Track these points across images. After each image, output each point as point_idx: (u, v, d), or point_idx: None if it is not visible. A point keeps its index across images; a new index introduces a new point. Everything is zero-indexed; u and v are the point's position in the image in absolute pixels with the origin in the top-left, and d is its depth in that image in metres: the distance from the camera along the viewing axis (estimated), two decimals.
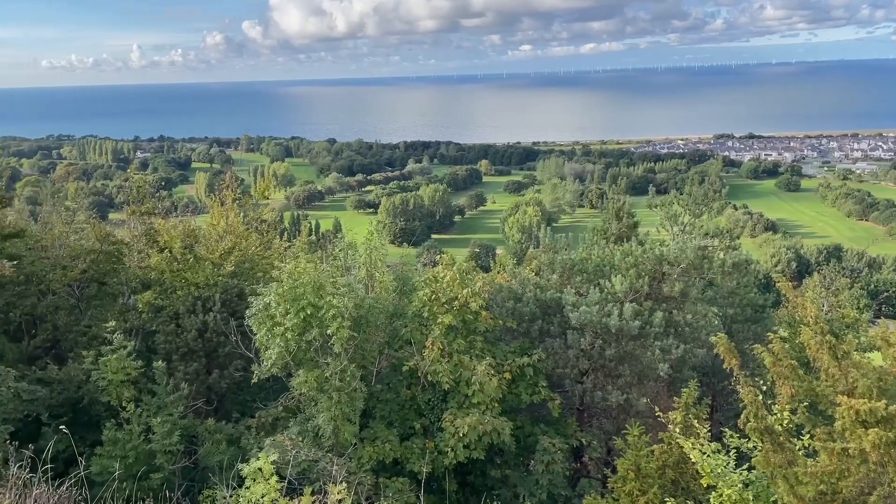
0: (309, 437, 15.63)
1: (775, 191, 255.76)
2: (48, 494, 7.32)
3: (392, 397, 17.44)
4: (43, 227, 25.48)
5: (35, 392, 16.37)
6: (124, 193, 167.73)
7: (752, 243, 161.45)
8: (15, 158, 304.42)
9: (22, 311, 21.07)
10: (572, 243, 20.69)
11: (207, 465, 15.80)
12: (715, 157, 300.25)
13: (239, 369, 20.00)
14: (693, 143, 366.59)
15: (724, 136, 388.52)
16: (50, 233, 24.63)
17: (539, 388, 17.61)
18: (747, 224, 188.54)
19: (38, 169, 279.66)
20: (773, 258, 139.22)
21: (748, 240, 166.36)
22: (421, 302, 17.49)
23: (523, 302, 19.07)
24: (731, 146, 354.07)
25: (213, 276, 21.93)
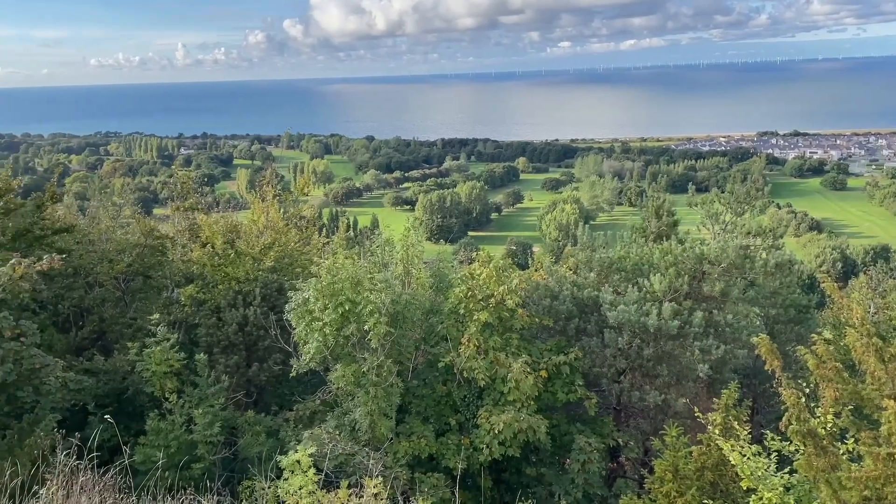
0: (346, 431, 15.81)
1: (821, 189, 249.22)
2: (94, 481, 7.56)
3: (428, 393, 17.53)
4: (91, 222, 26.22)
5: (82, 382, 16.86)
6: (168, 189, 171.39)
7: (796, 243, 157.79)
8: (64, 155, 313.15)
9: (70, 302, 21.73)
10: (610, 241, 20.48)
11: (247, 456, 16.09)
12: (758, 154, 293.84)
13: (278, 363, 20.32)
14: (735, 141, 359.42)
15: (768, 134, 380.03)
16: (97, 227, 25.34)
17: (575, 386, 17.51)
18: (791, 223, 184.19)
19: (86, 165, 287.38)
20: (817, 258, 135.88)
21: (792, 239, 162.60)
22: (457, 299, 17.53)
23: (560, 300, 18.98)
24: (775, 144, 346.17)
25: (253, 270, 22.29)
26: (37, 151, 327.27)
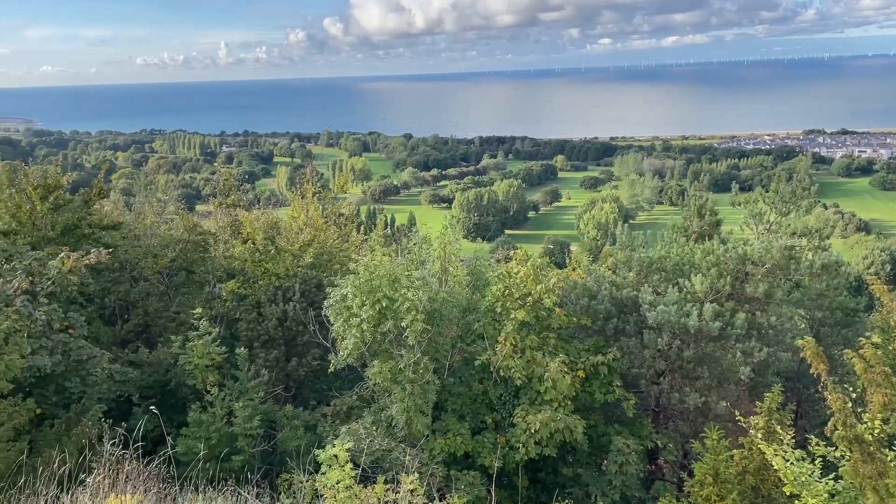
0: (382, 427, 15.91)
1: (869, 189, 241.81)
2: (138, 471, 7.75)
3: (464, 391, 17.53)
4: (136, 218, 26.88)
5: (127, 374, 17.29)
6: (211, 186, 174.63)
7: (844, 244, 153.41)
8: (111, 152, 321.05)
9: (116, 296, 22.31)
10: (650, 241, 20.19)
11: (285, 449, 16.30)
12: (804, 153, 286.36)
13: (316, 358, 20.57)
14: (780, 139, 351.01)
15: (815, 132, 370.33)
16: (142, 223, 25.97)
17: (613, 387, 17.33)
18: (838, 224, 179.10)
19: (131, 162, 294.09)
20: (865, 260, 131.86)
21: (839, 240, 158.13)
22: (494, 297, 17.49)
23: (598, 299, 18.80)
24: (822, 142, 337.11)
25: (292, 267, 22.60)
26: (84, 148, 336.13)
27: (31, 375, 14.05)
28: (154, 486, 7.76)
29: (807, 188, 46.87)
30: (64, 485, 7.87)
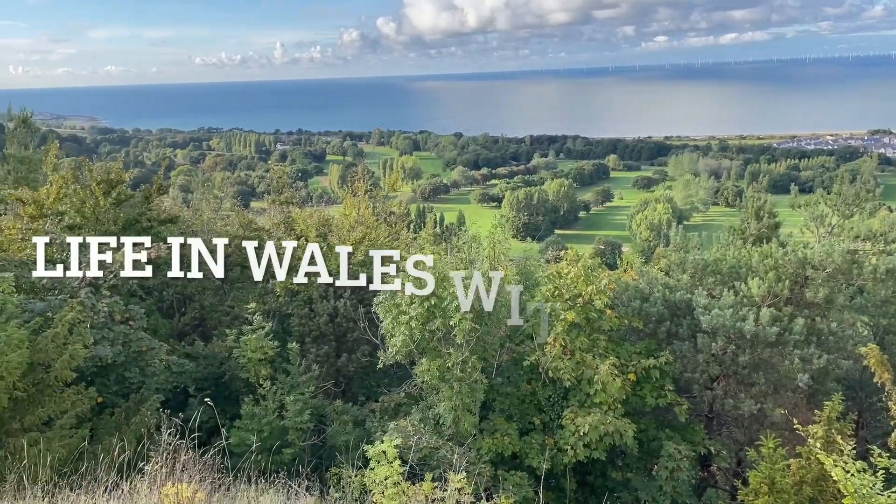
0: (430, 425, 15.97)
1: None
2: (194, 460, 7.97)
3: (512, 391, 17.46)
4: (193, 214, 27.63)
5: (183, 365, 17.79)
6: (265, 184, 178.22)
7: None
8: (170, 149, 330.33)
9: (174, 290, 22.95)
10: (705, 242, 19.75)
11: (334, 444, 16.52)
12: (869, 154, 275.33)
13: (366, 354, 20.78)
14: (843, 140, 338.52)
15: (881, 132, 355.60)
16: (199, 219, 26.67)
17: (665, 391, 17.02)
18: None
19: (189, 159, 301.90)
20: None
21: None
22: (544, 297, 17.36)
23: (650, 302, 18.46)
24: (889, 143, 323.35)
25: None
26: (145, 146, 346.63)
27: (93, 365, 14.59)
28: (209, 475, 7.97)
29: (871, 190, 45.19)
30: (123, 472, 8.15)
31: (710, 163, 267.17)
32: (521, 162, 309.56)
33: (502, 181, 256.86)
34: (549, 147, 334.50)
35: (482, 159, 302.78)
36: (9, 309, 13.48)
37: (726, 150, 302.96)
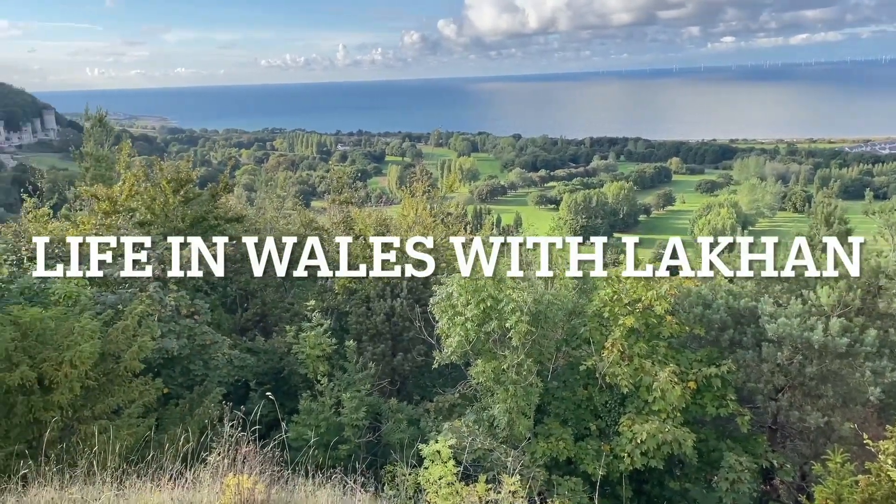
0: (484, 427, 15.95)
1: None
2: (255, 453, 8.17)
3: (568, 395, 17.29)
4: (257, 212, 28.32)
5: (245, 360, 18.25)
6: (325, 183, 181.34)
7: None
8: (236, 149, 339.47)
9: (237, 286, 23.57)
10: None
11: (389, 442, 16.67)
12: None
13: (421, 354, 20.92)
14: None
15: None
16: (263, 217, 27.32)
17: (727, 401, 16.57)
18: None
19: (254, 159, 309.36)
20: None
21: None
22: (602, 301, 17.14)
23: (713, 308, 18.00)
24: None
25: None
26: (212, 146, 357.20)
27: (159, 357, 15.11)
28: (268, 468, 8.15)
29: None
30: (187, 461, 8.41)
31: (777, 167, 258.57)
32: (580, 164, 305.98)
33: (560, 183, 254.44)
34: (609, 149, 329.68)
35: (540, 161, 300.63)
36: (82, 301, 14.10)
37: (795, 154, 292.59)
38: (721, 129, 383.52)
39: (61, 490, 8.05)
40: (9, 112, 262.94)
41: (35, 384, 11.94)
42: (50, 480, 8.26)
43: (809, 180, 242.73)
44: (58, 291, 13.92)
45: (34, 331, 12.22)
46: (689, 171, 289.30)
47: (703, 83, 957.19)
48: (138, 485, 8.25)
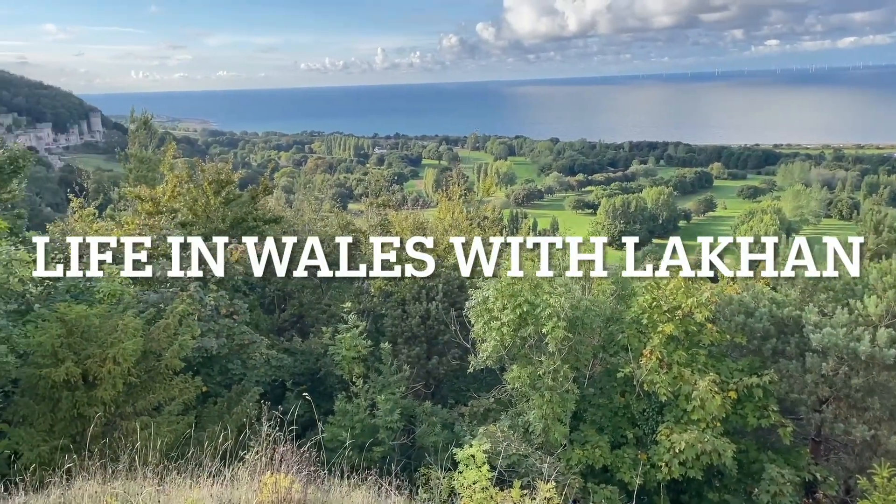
0: (519, 432, 15.85)
1: None
2: (292, 452, 8.23)
3: (605, 403, 17.08)
4: (295, 214, 28.63)
5: (282, 360, 18.45)
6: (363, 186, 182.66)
7: None
8: (275, 151, 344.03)
9: (275, 287, 23.85)
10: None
11: (423, 445, 16.67)
12: None
13: (456, 358, 20.89)
14: None
15: None
16: (301, 219, 27.62)
17: (769, 411, 16.20)
18: None
19: (292, 161, 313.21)
20: None
21: None
22: (640, 308, 16.90)
23: (756, 317, 17.60)
24: None
25: (437, 267, 23.07)
26: (252, 148, 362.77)
27: (199, 355, 15.36)
28: (305, 468, 8.20)
29: None
30: (225, 459, 8.51)
31: (823, 173, 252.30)
32: (619, 168, 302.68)
33: (598, 188, 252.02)
34: (648, 153, 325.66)
35: (578, 165, 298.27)
36: (126, 299, 14.42)
37: (841, 160, 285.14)
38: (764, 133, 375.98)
39: (104, 484, 8.21)
40: (56, 114, 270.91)
41: (80, 380, 12.23)
42: (93, 475, 8.42)
43: (856, 187, 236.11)
44: (102, 290, 14.24)
45: (79, 328, 12.52)
46: (731, 176, 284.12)
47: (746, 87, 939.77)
48: (178, 481, 8.37)
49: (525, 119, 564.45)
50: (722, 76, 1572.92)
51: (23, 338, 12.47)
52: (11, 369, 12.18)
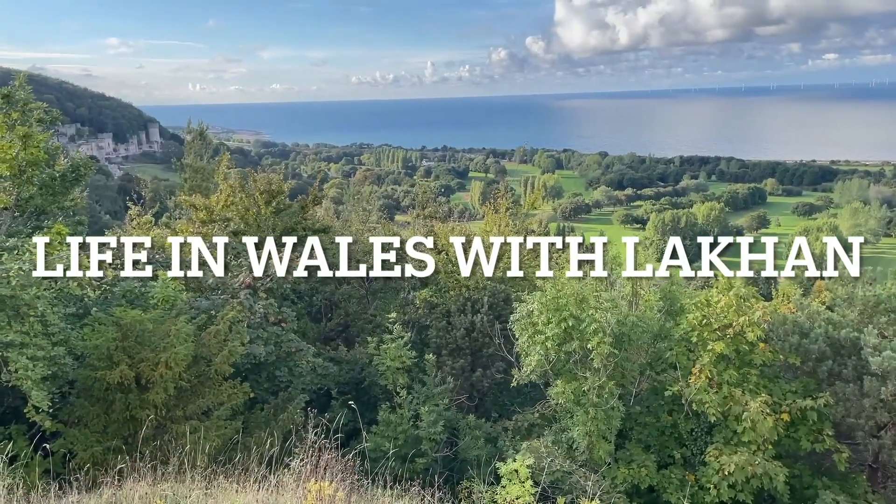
0: (563, 448, 15.67)
1: None
2: (336, 460, 8.31)
3: (651, 421, 16.76)
4: (343, 224, 29.01)
5: (327, 368, 18.64)
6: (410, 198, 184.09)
7: None
8: (325, 163, 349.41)
9: (322, 296, 24.17)
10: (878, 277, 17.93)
11: (465, 457, 16.62)
12: None
13: (500, 371, 20.79)
14: None
15: None
16: (349, 229, 27.96)
17: (823, 436, 15.65)
18: None
19: (341, 173, 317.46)
20: None
21: None
22: (690, 325, 16.56)
23: (811, 338, 17.05)
24: None
25: (482, 279, 23.06)
26: (303, 159, 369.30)
27: (247, 362, 15.64)
28: (349, 476, 8.27)
29: None
30: (271, 465, 8.65)
31: (882, 190, 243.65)
32: (669, 183, 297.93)
33: (648, 202, 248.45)
34: (699, 168, 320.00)
35: (627, 179, 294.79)
36: (179, 305, 14.80)
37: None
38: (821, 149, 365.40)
39: (153, 486, 8.42)
40: (117, 125, 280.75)
41: (133, 383, 12.59)
42: (143, 476, 8.65)
43: None
44: (156, 295, 14.65)
45: (134, 332, 12.91)
46: (785, 192, 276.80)
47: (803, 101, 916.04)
48: (225, 485, 8.53)
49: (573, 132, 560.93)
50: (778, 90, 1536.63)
51: (80, 340, 12.89)
52: (69, 371, 12.60)
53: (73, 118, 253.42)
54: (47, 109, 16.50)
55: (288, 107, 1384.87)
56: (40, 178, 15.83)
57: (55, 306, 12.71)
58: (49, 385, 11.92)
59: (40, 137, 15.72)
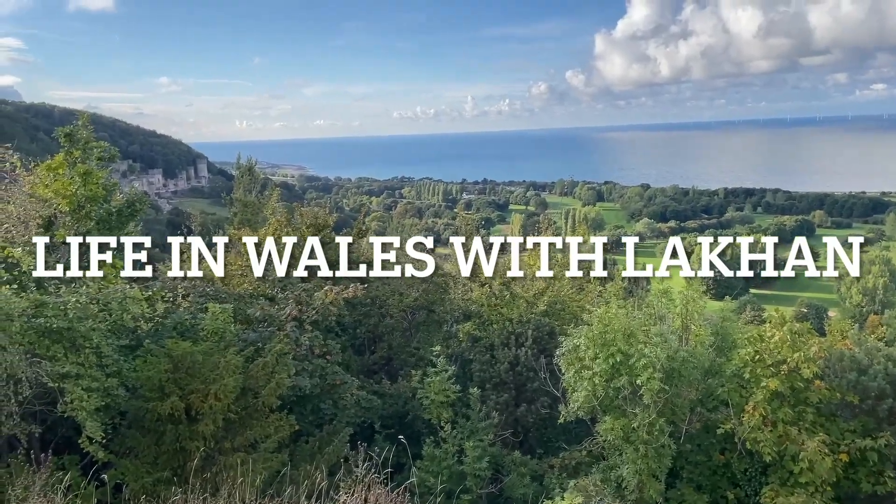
0: (611, 487, 15.29)
1: None
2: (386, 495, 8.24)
3: (703, 460, 16.28)
4: None
5: (372, 401, 18.62)
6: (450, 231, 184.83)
7: None
8: (367, 196, 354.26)
9: (366, 328, 24.26)
10: None
11: (511, 495, 16.35)
12: None
13: (545, 406, 20.45)
14: None
15: None
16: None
17: (885, 477, 15.02)
18: None
19: (383, 206, 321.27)
20: None
21: None
22: (742, 361, 16.13)
23: (869, 375, 16.43)
24: None
25: (526, 313, 22.90)
26: (345, 193, 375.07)
27: (293, 394, 15.72)
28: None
29: None
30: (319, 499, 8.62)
31: None
32: (713, 215, 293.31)
33: (691, 235, 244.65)
34: (745, 200, 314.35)
35: (670, 211, 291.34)
36: (228, 337, 15.01)
37: None
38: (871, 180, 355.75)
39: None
40: (167, 161, 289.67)
41: (183, 414, 12.76)
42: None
43: None
44: (207, 327, 14.90)
45: (185, 364, 13.12)
46: (834, 224, 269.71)
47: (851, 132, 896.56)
48: None
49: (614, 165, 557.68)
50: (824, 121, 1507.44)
51: (132, 372, 13.16)
52: (121, 402, 12.84)
53: (125, 155, 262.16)
54: (107, 148, 17.11)
55: (331, 142, 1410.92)
56: (98, 213, 16.35)
57: (109, 338, 13.02)
58: (102, 416, 12.16)
59: (99, 174, 16.28)
